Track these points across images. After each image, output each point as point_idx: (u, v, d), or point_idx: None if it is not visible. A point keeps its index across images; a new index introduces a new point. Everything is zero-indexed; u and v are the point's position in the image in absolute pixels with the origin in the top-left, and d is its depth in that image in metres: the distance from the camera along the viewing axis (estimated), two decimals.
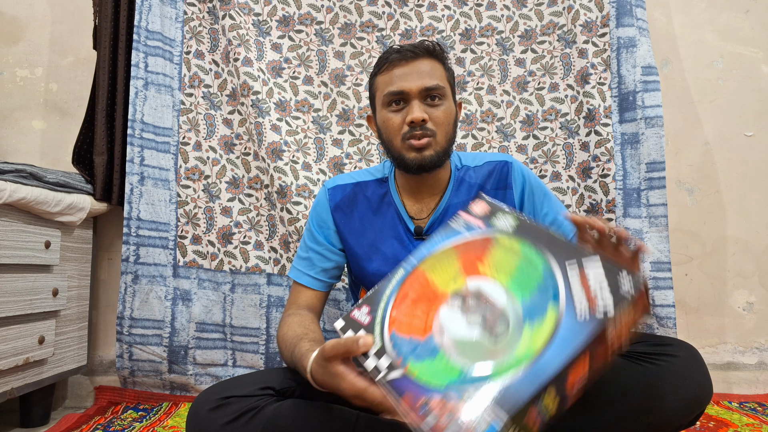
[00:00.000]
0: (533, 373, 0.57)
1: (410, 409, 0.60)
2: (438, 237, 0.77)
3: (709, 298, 1.74)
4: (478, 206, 0.79)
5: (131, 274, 1.54)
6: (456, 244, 0.75)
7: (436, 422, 0.57)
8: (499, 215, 0.76)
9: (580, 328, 0.58)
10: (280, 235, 1.62)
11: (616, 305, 0.58)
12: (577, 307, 0.60)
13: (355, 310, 0.73)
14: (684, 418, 0.83)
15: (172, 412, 1.48)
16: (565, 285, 0.63)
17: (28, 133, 1.77)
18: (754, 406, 1.54)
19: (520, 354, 0.59)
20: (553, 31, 1.66)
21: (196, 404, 0.82)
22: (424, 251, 0.76)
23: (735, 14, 1.81)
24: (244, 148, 1.66)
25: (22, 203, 1.28)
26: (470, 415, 0.55)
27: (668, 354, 0.83)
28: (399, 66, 1.02)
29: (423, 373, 0.63)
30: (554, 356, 0.57)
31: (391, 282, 0.75)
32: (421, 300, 0.71)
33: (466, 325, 0.66)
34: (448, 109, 1.03)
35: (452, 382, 0.60)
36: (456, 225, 0.78)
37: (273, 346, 1.60)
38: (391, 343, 0.68)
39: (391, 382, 0.64)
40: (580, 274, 0.63)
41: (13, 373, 1.29)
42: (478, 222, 0.77)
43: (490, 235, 0.74)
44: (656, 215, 1.52)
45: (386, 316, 0.71)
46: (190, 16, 1.67)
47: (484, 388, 0.58)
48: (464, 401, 0.57)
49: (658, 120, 1.52)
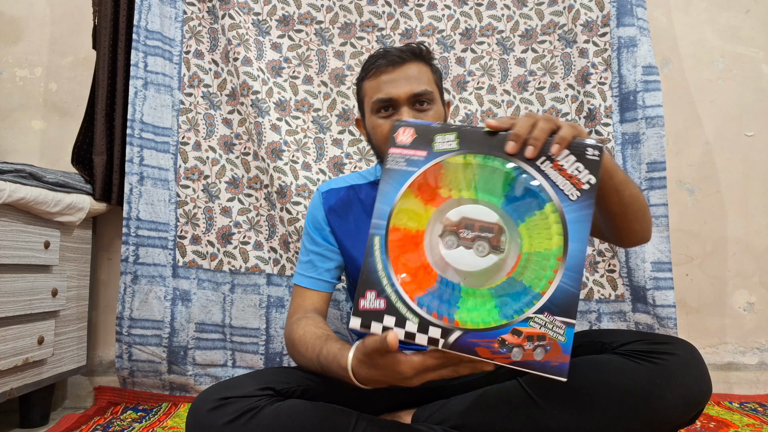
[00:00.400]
0: (571, 269, 0.64)
1: (492, 356, 0.64)
2: (388, 187, 0.72)
3: (709, 298, 1.73)
4: (403, 135, 0.74)
5: (131, 275, 1.54)
6: (409, 183, 0.72)
7: (523, 353, 0.63)
8: (436, 137, 0.72)
9: (580, 206, 0.66)
10: (279, 235, 1.62)
11: (593, 171, 0.66)
12: (566, 191, 0.66)
13: (360, 300, 0.69)
14: (683, 416, 0.83)
15: (172, 412, 1.48)
16: (546, 180, 0.67)
17: (27, 133, 1.77)
18: (754, 406, 1.54)
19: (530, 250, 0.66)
20: (554, 30, 1.66)
21: (196, 404, 0.82)
22: (384, 207, 0.71)
23: (735, 14, 1.81)
24: (243, 148, 1.66)
25: (21, 203, 1.28)
26: (546, 331, 0.63)
27: (667, 352, 0.83)
28: (386, 72, 1.02)
29: (473, 320, 0.66)
30: (577, 244, 0.65)
31: (375, 254, 0.71)
32: (410, 251, 0.70)
33: (477, 256, 0.67)
34: (437, 113, 1.03)
35: (505, 314, 0.65)
36: (396, 166, 0.73)
37: (273, 346, 1.59)
38: (424, 309, 0.67)
39: (453, 344, 0.65)
40: (553, 165, 0.67)
41: (12, 374, 1.29)
42: (418, 153, 0.72)
43: (439, 160, 0.71)
44: (657, 215, 1.51)
45: (398, 288, 0.69)
46: (190, 16, 1.67)
47: (537, 304, 0.64)
48: (532, 323, 0.64)
49: (659, 120, 1.51)
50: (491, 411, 0.88)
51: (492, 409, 0.88)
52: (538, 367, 0.63)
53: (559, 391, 0.84)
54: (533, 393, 0.85)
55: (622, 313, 1.55)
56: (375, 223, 0.72)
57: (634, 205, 0.86)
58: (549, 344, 0.63)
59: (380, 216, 0.71)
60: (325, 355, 0.85)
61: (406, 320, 0.67)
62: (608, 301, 1.56)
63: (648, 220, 0.93)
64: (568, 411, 0.83)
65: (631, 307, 1.54)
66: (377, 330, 0.68)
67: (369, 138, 1.09)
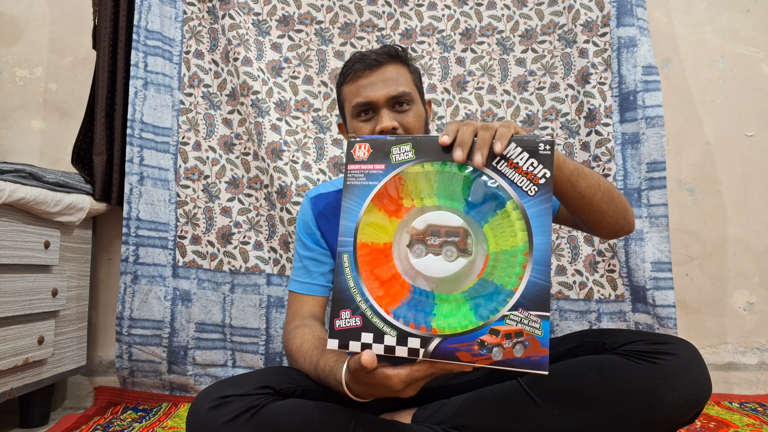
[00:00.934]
0: (539, 262, 0.66)
1: (473, 359, 0.65)
2: (351, 203, 0.72)
3: (709, 298, 1.73)
4: (360, 150, 0.74)
5: (131, 275, 1.54)
6: (372, 197, 0.72)
7: (503, 351, 0.64)
8: (392, 149, 0.72)
9: (539, 200, 0.67)
10: (279, 235, 1.62)
11: (546, 165, 0.68)
12: (524, 187, 0.68)
13: (336, 321, 0.70)
14: (683, 416, 0.83)
15: (172, 412, 1.48)
16: (503, 179, 0.69)
17: (27, 133, 1.77)
18: (754, 406, 1.54)
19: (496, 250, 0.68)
20: (554, 30, 1.66)
21: (196, 403, 0.82)
22: (349, 224, 0.72)
23: (735, 14, 1.81)
24: (243, 148, 1.66)
25: (21, 203, 1.28)
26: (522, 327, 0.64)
27: (667, 352, 0.84)
28: (364, 76, 1.02)
29: (450, 325, 0.66)
30: (542, 237, 0.66)
31: (345, 272, 0.71)
32: (380, 265, 0.71)
33: (446, 261, 0.69)
34: (417, 113, 1.03)
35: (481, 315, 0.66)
36: (357, 181, 0.73)
37: (273, 346, 1.59)
38: (401, 320, 0.68)
39: (434, 352, 0.66)
40: (508, 164, 0.69)
41: (12, 374, 1.28)
42: (377, 166, 0.73)
43: (398, 171, 0.72)
44: (657, 215, 1.51)
45: (373, 303, 0.69)
46: (190, 16, 1.67)
47: (510, 301, 0.66)
48: (508, 321, 0.65)
49: (659, 120, 1.51)
50: (491, 411, 0.88)
51: (492, 409, 0.88)
52: (519, 363, 0.64)
53: (559, 391, 0.84)
54: (533, 393, 0.86)
55: (622, 313, 1.55)
56: (342, 241, 0.72)
57: (596, 196, 0.87)
58: (527, 339, 0.64)
59: (346, 233, 0.72)
60: (322, 367, 0.85)
61: (384, 335, 0.68)
62: (608, 301, 1.56)
63: (623, 210, 0.93)
64: (568, 411, 0.83)
65: (631, 307, 1.54)
66: (356, 348, 0.69)
67: None
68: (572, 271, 1.59)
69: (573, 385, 0.83)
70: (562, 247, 1.60)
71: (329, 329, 0.70)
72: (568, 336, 1.01)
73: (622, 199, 0.93)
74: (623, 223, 0.94)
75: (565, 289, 1.59)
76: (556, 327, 1.59)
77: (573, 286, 1.58)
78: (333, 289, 0.71)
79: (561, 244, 1.60)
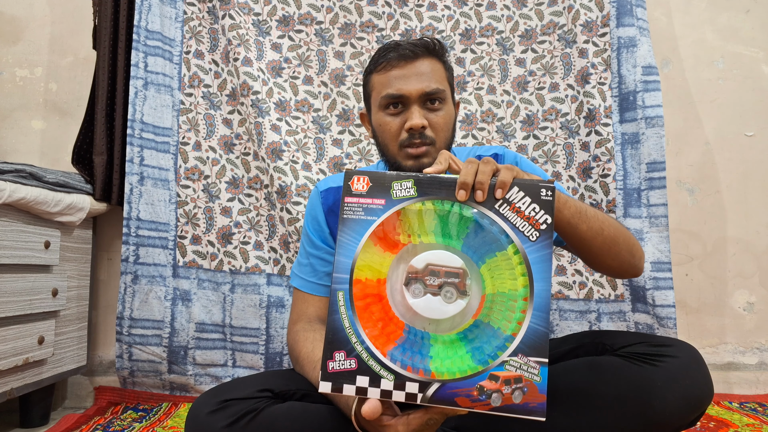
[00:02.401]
0: (539, 309, 0.66)
1: (472, 405, 0.65)
2: (348, 238, 0.71)
3: (709, 298, 1.74)
4: (358, 183, 0.72)
5: (131, 274, 1.54)
6: (369, 234, 0.70)
7: (502, 397, 0.65)
8: (393, 185, 0.71)
9: (540, 246, 0.68)
10: (279, 235, 1.62)
11: (548, 211, 0.68)
12: (526, 232, 0.68)
13: (329, 363, 0.67)
14: (684, 418, 0.82)
15: (172, 412, 1.48)
16: (505, 222, 0.69)
17: (27, 133, 1.77)
18: (754, 406, 1.54)
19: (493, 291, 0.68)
20: (554, 30, 1.66)
21: (195, 407, 0.82)
22: (346, 261, 0.70)
23: (735, 14, 1.80)
24: (243, 148, 1.66)
25: (21, 203, 1.28)
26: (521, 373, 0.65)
27: (668, 355, 0.83)
28: (397, 66, 0.97)
29: (449, 370, 0.66)
30: (542, 284, 0.67)
31: (340, 311, 0.69)
32: (374, 302, 0.69)
33: (445, 303, 0.68)
34: (448, 113, 0.99)
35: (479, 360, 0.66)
36: (354, 215, 0.71)
37: (273, 346, 1.59)
38: (398, 363, 0.67)
39: (432, 398, 0.65)
40: (511, 207, 0.69)
41: (12, 374, 1.29)
42: (376, 201, 0.71)
43: (398, 208, 0.71)
44: (656, 215, 1.51)
45: (369, 344, 0.67)
46: (190, 16, 1.67)
47: (510, 347, 0.66)
48: (507, 366, 0.65)
49: (659, 120, 1.51)
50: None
51: None
52: (517, 410, 0.64)
53: (559, 393, 0.84)
54: None
55: (621, 313, 1.55)
56: (337, 278, 0.69)
57: (597, 239, 0.85)
58: (526, 386, 0.65)
59: (342, 270, 0.70)
60: None
61: (380, 378, 0.66)
62: (608, 301, 1.56)
63: (627, 255, 0.90)
64: (569, 413, 0.83)
65: (631, 307, 1.54)
66: (350, 392, 0.67)
67: (374, 134, 1.04)
68: (572, 271, 1.59)
69: (573, 387, 0.83)
70: None
71: (321, 371, 0.67)
72: (568, 337, 1.01)
73: (630, 243, 0.91)
74: (627, 266, 0.92)
75: (565, 289, 1.59)
76: (556, 327, 1.59)
77: (573, 285, 1.59)
78: (326, 328, 0.69)
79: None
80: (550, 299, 0.67)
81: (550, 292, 0.67)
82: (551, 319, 1.59)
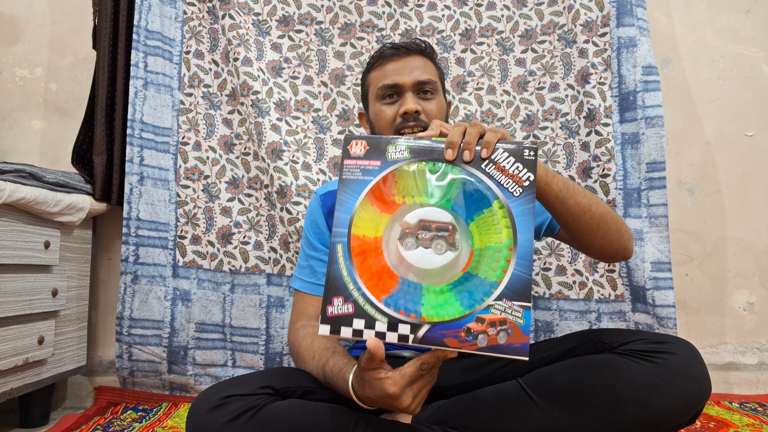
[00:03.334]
0: (522, 257, 0.71)
1: (460, 345, 0.69)
2: (347, 196, 0.76)
3: (709, 298, 1.74)
4: (356, 147, 0.78)
5: (131, 275, 1.54)
6: (366, 192, 0.76)
7: (488, 338, 0.69)
8: (389, 148, 0.77)
9: (523, 200, 0.73)
10: (279, 235, 1.62)
11: (531, 169, 0.74)
12: (510, 189, 0.74)
13: (328, 307, 0.72)
14: (683, 416, 0.82)
15: (172, 412, 1.48)
16: (491, 180, 0.74)
17: (27, 133, 1.77)
18: (754, 406, 1.54)
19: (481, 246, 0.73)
20: (554, 30, 1.66)
21: (196, 404, 0.82)
22: (344, 216, 0.76)
23: (735, 14, 1.81)
24: (243, 148, 1.66)
25: (21, 203, 1.28)
26: (506, 316, 0.69)
27: (667, 352, 0.83)
28: (392, 61, 1.06)
29: (439, 314, 0.71)
30: (525, 234, 0.72)
31: (339, 261, 0.74)
32: (370, 258, 0.74)
33: (435, 254, 0.73)
34: (440, 103, 1.07)
35: (468, 304, 0.70)
36: (353, 176, 0.77)
37: (273, 346, 1.59)
38: (392, 308, 0.71)
39: (423, 339, 0.70)
40: (496, 166, 0.75)
41: (12, 374, 1.29)
42: (372, 163, 0.77)
43: (393, 168, 0.76)
44: (656, 215, 1.51)
45: (365, 290, 0.72)
46: (190, 16, 1.67)
47: (495, 292, 0.70)
48: (493, 310, 0.70)
49: (659, 120, 1.51)
50: (491, 411, 0.88)
51: (491, 410, 0.88)
52: (502, 349, 0.68)
53: (558, 392, 0.84)
54: (533, 393, 0.85)
55: (621, 313, 1.55)
56: (336, 232, 0.75)
57: (585, 215, 0.89)
58: (510, 327, 0.69)
59: (341, 224, 0.75)
60: (331, 367, 0.86)
61: (375, 321, 0.71)
62: (608, 301, 1.56)
63: (617, 235, 0.95)
64: (568, 411, 0.83)
65: (631, 307, 1.54)
66: (347, 334, 0.71)
67: (372, 130, 1.13)
68: (572, 271, 1.59)
69: (572, 385, 0.83)
70: (562, 248, 1.60)
71: (321, 315, 0.72)
72: (568, 336, 1.01)
73: (618, 223, 0.95)
74: (617, 247, 0.96)
75: (565, 289, 1.59)
76: (556, 327, 1.59)
77: (573, 286, 1.58)
78: (326, 277, 0.74)
79: (561, 245, 1.60)
80: (532, 249, 0.72)
81: (532, 242, 0.72)
82: (551, 319, 1.59)
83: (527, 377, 0.88)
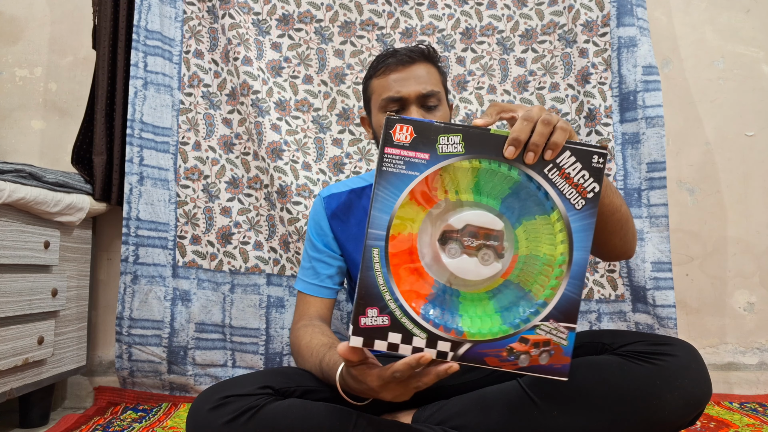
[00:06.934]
0: (575, 277, 0.66)
1: (500, 364, 0.66)
2: (386, 193, 0.66)
3: (709, 298, 1.73)
4: (401, 133, 0.66)
5: (130, 275, 1.54)
6: (409, 191, 0.66)
7: (530, 359, 0.66)
8: (440, 138, 0.66)
9: (585, 214, 0.67)
10: (279, 235, 1.62)
11: (597, 179, 0.67)
12: (572, 200, 0.67)
13: (361, 318, 0.66)
14: (683, 418, 0.82)
15: (172, 412, 1.48)
16: (552, 188, 0.67)
17: (27, 133, 1.77)
18: (755, 406, 1.54)
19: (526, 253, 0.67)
20: (554, 30, 1.66)
21: (196, 404, 0.82)
22: (383, 216, 0.66)
23: (736, 14, 1.80)
24: (243, 148, 1.66)
25: (21, 203, 1.28)
26: (551, 337, 0.66)
27: (667, 353, 0.83)
28: (396, 71, 1.04)
29: (481, 332, 0.66)
30: (581, 253, 0.66)
31: (374, 267, 0.66)
32: (406, 257, 0.67)
33: (481, 265, 0.67)
34: (444, 114, 1.06)
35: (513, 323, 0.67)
36: (395, 169, 0.66)
37: (273, 346, 1.59)
38: (431, 323, 0.66)
39: (464, 356, 0.66)
40: (560, 172, 0.67)
41: (12, 374, 1.28)
42: (419, 155, 0.66)
43: (443, 164, 0.66)
44: (657, 215, 1.51)
45: (403, 302, 0.66)
46: (190, 16, 1.67)
47: (542, 312, 0.66)
48: (538, 330, 0.66)
49: (659, 120, 1.51)
50: (491, 412, 0.87)
51: (492, 410, 0.88)
52: (542, 370, 0.65)
53: (558, 392, 0.84)
54: (533, 394, 0.85)
55: (622, 313, 1.55)
56: (373, 234, 0.66)
57: (615, 216, 0.87)
58: (553, 349, 0.66)
59: (378, 226, 0.66)
60: (326, 361, 0.87)
61: (413, 336, 0.66)
62: (608, 301, 1.56)
63: (630, 236, 0.94)
64: (568, 412, 0.83)
65: (631, 307, 1.54)
66: (381, 347, 0.66)
67: (375, 136, 1.12)
68: None
69: (572, 387, 0.83)
70: None
71: (353, 325, 0.66)
72: None
73: (632, 224, 0.94)
74: (628, 247, 0.96)
75: None
76: None
77: None
78: (359, 283, 0.66)
79: None
80: (586, 269, 0.67)
81: (587, 261, 0.67)
82: None
83: (527, 378, 0.88)
